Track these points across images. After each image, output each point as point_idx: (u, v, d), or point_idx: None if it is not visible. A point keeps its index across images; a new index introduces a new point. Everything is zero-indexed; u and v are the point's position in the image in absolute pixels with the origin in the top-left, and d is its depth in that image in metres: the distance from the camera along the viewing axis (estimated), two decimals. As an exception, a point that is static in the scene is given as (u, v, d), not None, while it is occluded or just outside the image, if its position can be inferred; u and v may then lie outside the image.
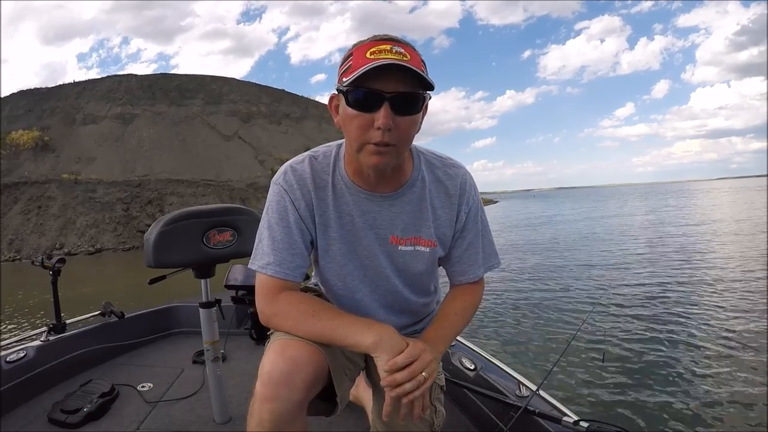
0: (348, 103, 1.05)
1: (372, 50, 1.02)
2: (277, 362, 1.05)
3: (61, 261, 2.53)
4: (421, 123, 1.14)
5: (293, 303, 1.13)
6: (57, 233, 29.00)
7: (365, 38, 1.08)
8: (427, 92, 1.08)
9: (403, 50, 1.02)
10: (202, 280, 1.99)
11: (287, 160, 1.27)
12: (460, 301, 1.33)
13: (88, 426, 2.02)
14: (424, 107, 1.10)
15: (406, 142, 1.10)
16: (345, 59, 1.08)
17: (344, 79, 1.04)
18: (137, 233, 29.72)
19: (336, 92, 1.10)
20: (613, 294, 8.30)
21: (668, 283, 9.09)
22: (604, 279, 10.16)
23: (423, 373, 1.04)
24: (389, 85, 1.01)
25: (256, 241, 1.22)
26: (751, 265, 10.26)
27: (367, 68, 0.99)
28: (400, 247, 1.25)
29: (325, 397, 1.19)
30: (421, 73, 1.02)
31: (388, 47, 1.02)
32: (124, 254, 27.44)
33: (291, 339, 1.10)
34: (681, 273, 10.04)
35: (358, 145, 1.08)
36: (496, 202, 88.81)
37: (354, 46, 1.08)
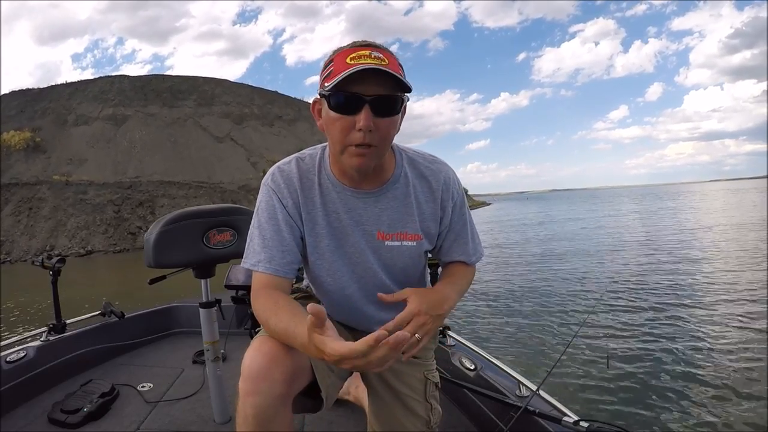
0: (330, 107, 1.10)
1: (352, 56, 1.06)
2: (255, 357, 1.07)
3: (61, 261, 2.53)
4: (400, 124, 1.18)
5: (265, 301, 1.15)
6: (48, 235, 28.82)
7: (345, 44, 1.12)
8: (405, 94, 1.12)
9: (381, 55, 1.07)
10: (202, 280, 2.01)
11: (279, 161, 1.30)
12: (457, 268, 1.39)
13: (88, 426, 2.02)
14: (402, 108, 1.15)
15: (386, 142, 1.14)
16: (326, 65, 1.12)
17: (326, 84, 1.08)
18: (128, 235, 29.58)
19: (319, 97, 1.14)
20: (613, 294, 8.34)
21: (669, 283, 9.15)
22: (604, 279, 10.20)
23: (416, 335, 1.08)
24: (369, 88, 1.05)
25: (248, 241, 1.25)
26: (751, 266, 10.33)
27: (348, 73, 1.03)
28: (387, 243, 1.27)
29: (312, 395, 1.22)
30: (399, 77, 1.06)
31: (367, 52, 1.06)
32: (115, 256, 27.29)
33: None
34: (682, 273, 10.13)
35: (341, 147, 1.12)
36: (489, 204, 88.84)
37: (334, 52, 1.12)
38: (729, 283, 8.75)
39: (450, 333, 2.37)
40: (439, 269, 1.48)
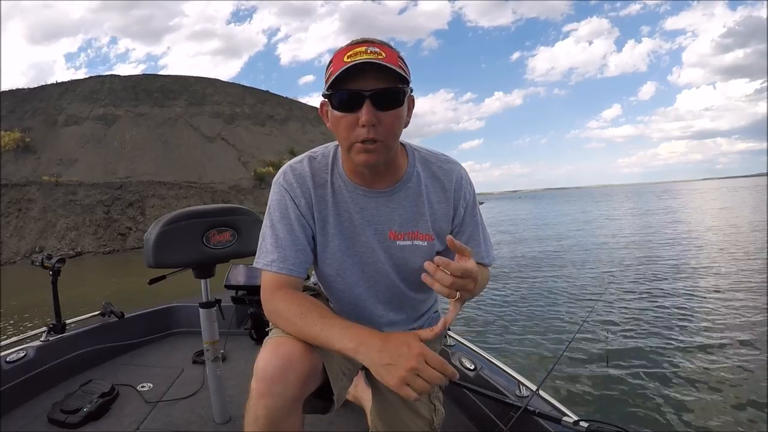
0: (333, 106, 1.12)
1: (349, 54, 1.07)
2: (271, 359, 1.07)
3: (61, 261, 2.52)
4: (408, 117, 1.19)
5: (288, 302, 1.15)
6: (37, 236, 28.54)
7: (343, 44, 1.13)
8: (408, 86, 1.13)
9: (378, 49, 1.08)
10: (202, 280, 2.01)
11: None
12: None
13: (88, 426, 2.03)
14: (408, 101, 1.16)
15: (392, 136, 1.14)
16: (327, 67, 1.13)
17: (327, 85, 1.10)
18: (118, 236, 29.36)
19: (324, 99, 1.16)
20: (613, 294, 8.33)
21: (668, 282, 9.14)
22: (604, 279, 10.17)
23: (459, 292, 1.02)
24: (368, 83, 1.07)
25: (260, 240, 1.25)
26: (752, 265, 10.33)
27: (341, 70, 1.05)
28: (398, 242, 1.27)
29: (321, 396, 1.22)
30: (394, 68, 1.07)
31: (363, 48, 1.07)
32: (105, 257, 27.06)
33: (285, 336, 1.13)
34: (681, 272, 10.12)
35: (347, 144, 1.13)
36: (482, 203, 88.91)
37: (335, 53, 1.12)
38: (729, 283, 8.75)
39: (450, 333, 2.37)
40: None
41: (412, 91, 1.16)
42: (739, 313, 6.80)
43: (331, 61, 1.12)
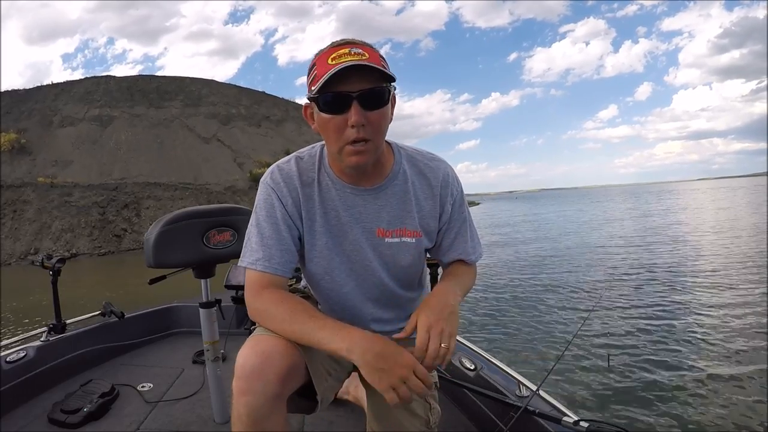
0: (321, 109, 1.13)
1: (332, 56, 1.09)
2: (249, 356, 1.08)
3: (61, 261, 2.53)
4: (391, 115, 1.20)
5: (275, 302, 1.16)
6: (32, 238, 28.43)
7: (324, 47, 1.15)
8: (391, 84, 1.15)
9: (360, 50, 1.09)
10: (202, 280, 2.01)
11: (267, 162, 1.31)
12: (458, 268, 1.39)
13: (88, 426, 2.03)
14: (391, 99, 1.17)
15: (380, 134, 1.16)
16: (310, 69, 1.14)
17: (313, 88, 1.11)
18: (113, 237, 29.25)
19: (308, 101, 1.17)
20: (613, 294, 8.33)
21: (669, 281, 9.16)
22: (605, 279, 10.19)
23: (442, 344, 1.08)
24: (354, 85, 1.08)
25: (246, 239, 1.26)
26: (752, 265, 10.34)
27: (331, 73, 1.06)
28: (386, 240, 1.29)
29: (308, 395, 1.23)
30: (380, 68, 1.09)
31: (346, 50, 1.09)
32: (100, 259, 26.99)
33: (265, 334, 1.14)
34: (681, 271, 10.16)
35: (337, 147, 1.14)
36: (478, 204, 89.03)
37: (316, 55, 1.14)
38: (730, 282, 8.78)
39: None
40: (439, 270, 1.50)
41: (395, 89, 1.17)
42: (740, 313, 6.81)
43: (314, 64, 1.13)
